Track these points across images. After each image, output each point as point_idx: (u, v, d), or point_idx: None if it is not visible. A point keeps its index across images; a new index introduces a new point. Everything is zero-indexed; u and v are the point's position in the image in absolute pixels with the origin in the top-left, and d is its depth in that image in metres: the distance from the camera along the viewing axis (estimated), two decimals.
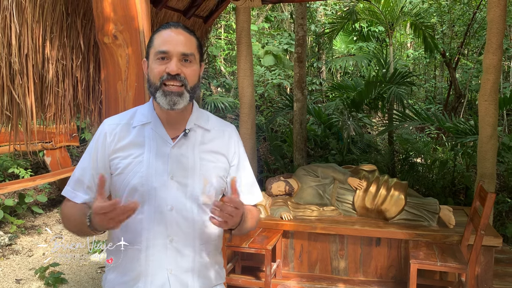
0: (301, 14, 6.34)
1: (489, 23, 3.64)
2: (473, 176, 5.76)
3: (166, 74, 1.38)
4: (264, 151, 8.08)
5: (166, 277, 1.42)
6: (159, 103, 1.40)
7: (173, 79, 1.38)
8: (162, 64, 1.39)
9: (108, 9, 2.17)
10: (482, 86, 3.73)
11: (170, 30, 1.42)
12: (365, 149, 7.36)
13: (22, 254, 4.79)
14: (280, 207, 3.73)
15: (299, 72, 6.35)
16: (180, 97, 1.39)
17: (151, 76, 1.42)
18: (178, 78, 1.39)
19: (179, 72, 1.38)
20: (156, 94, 1.40)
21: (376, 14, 8.21)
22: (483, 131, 3.72)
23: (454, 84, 7.58)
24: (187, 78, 1.40)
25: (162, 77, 1.39)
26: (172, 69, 1.37)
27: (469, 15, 8.24)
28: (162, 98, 1.39)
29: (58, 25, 2.87)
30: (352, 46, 9.92)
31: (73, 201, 1.46)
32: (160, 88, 1.39)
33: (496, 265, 3.40)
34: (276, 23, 11.46)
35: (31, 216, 5.88)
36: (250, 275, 3.56)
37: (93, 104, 3.27)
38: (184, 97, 1.40)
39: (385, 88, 6.36)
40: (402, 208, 3.54)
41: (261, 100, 9.61)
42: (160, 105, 1.41)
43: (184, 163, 1.45)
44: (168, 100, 1.39)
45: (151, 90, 1.43)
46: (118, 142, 1.45)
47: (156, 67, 1.40)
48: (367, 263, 3.55)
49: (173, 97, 1.39)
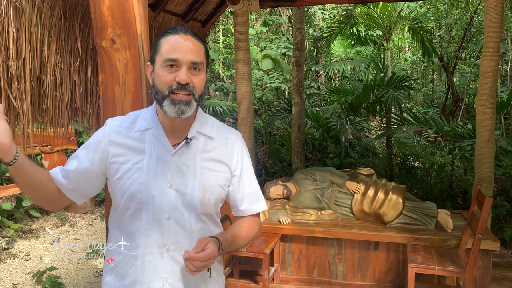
0: (299, 18, 6.36)
1: (486, 27, 3.65)
2: (471, 180, 5.77)
3: (176, 83, 1.35)
4: (262, 155, 8.08)
5: (161, 285, 1.41)
6: (166, 111, 1.38)
7: (182, 88, 1.36)
8: (171, 72, 1.36)
9: (106, 13, 2.17)
10: (480, 90, 3.73)
11: (178, 36, 1.38)
12: (363, 153, 7.37)
13: (19, 258, 4.77)
14: (278, 211, 3.73)
15: (297, 76, 6.36)
16: (188, 106, 1.37)
17: (158, 83, 1.38)
18: (188, 88, 1.36)
19: (188, 81, 1.36)
20: (163, 102, 1.37)
21: (374, 18, 8.24)
22: (481, 135, 3.73)
23: (452, 88, 7.60)
24: (195, 87, 1.38)
25: (171, 86, 1.36)
26: (182, 78, 1.35)
27: (467, 20, 8.27)
28: (171, 107, 1.36)
29: (56, 29, 2.87)
30: (350, 50, 9.93)
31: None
32: (168, 96, 1.37)
33: (494, 269, 3.40)
34: (274, 27, 11.48)
35: (29, 220, 5.86)
36: (248, 279, 3.55)
37: (91, 108, 3.27)
38: (192, 106, 1.38)
39: (383, 92, 6.38)
40: (400, 212, 3.54)
41: (259, 104, 9.61)
42: (166, 113, 1.38)
43: (184, 171, 1.42)
44: (176, 109, 1.36)
45: (157, 97, 1.39)
46: (119, 143, 1.44)
47: (164, 74, 1.36)
48: (365, 267, 3.55)
49: (181, 106, 1.36)
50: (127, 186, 1.41)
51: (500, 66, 8.59)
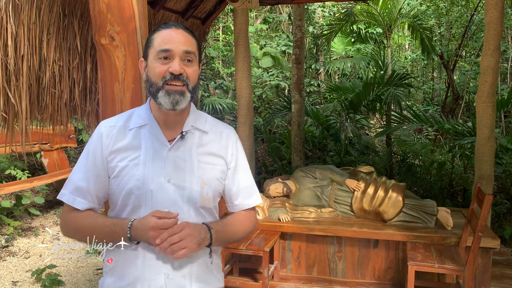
0: (299, 15, 6.34)
1: (487, 25, 3.64)
2: (471, 177, 5.76)
3: (169, 74, 1.37)
4: (262, 153, 8.07)
5: (163, 281, 1.41)
6: (161, 103, 1.39)
7: (176, 78, 1.37)
8: (164, 63, 1.38)
9: (105, 10, 2.16)
10: (480, 88, 3.73)
11: (170, 29, 1.41)
12: (363, 151, 7.36)
13: (18, 256, 4.77)
14: (278, 209, 3.72)
15: (297, 74, 6.35)
16: (182, 96, 1.38)
17: (152, 75, 1.40)
18: (181, 78, 1.38)
19: (182, 71, 1.37)
20: (158, 94, 1.39)
21: (374, 16, 8.22)
22: (481, 133, 3.72)
23: (452, 86, 7.59)
24: (189, 78, 1.40)
25: (165, 77, 1.37)
26: (175, 68, 1.36)
27: (467, 17, 8.25)
28: (165, 97, 1.37)
29: (55, 26, 2.86)
30: (350, 47, 9.92)
31: (75, 208, 1.44)
32: (163, 88, 1.38)
33: (494, 267, 3.40)
34: (274, 24, 11.47)
35: (28, 218, 5.85)
36: (247, 277, 3.55)
37: (90, 105, 3.26)
38: (186, 97, 1.40)
39: (383, 89, 6.37)
40: (400, 210, 3.53)
41: (259, 102, 9.60)
42: (161, 105, 1.39)
43: (182, 165, 1.43)
44: (171, 100, 1.37)
45: (152, 90, 1.40)
46: (115, 145, 1.44)
47: (158, 66, 1.38)
48: (365, 265, 3.55)
49: (176, 96, 1.37)
50: (125, 183, 1.41)
51: (501, 64, 8.58)
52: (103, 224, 1.40)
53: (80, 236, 1.43)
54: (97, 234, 1.38)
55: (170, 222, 1.32)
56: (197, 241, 1.35)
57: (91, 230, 1.40)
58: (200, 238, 1.36)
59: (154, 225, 1.31)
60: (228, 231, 1.50)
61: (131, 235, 1.35)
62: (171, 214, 1.34)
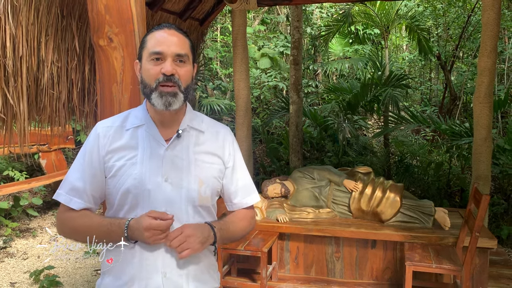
0: (297, 16, 6.35)
1: (484, 26, 3.66)
2: (468, 178, 5.78)
3: (162, 75, 1.38)
4: (260, 154, 8.08)
5: (160, 280, 1.41)
6: (154, 104, 1.40)
7: (168, 80, 1.39)
8: (157, 65, 1.39)
9: (103, 11, 2.16)
10: (477, 88, 3.74)
11: (163, 31, 1.42)
12: (361, 151, 7.38)
13: (17, 257, 4.76)
14: (276, 209, 3.73)
15: (295, 75, 6.36)
16: (175, 98, 1.40)
17: (146, 77, 1.42)
18: (173, 79, 1.39)
19: (173, 72, 1.39)
20: (151, 95, 1.40)
21: (371, 17, 8.24)
22: (478, 133, 3.74)
23: (449, 87, 7.61)
24: (181, 79, 1.41)
25: (158, 79, 1.39)
26: (167, 69, 1.38)
27: (464, 18, 8.28)
28: (158, 99, 1.39)
29: (53, 27, 2.86)
30: (348, 48, 9.93)
31: (71, 208, 1.44)
32: (156, 89, 1.39)
33: (491, 267, 3.41)
34: (272, 25, 11.47)
35: (26, 219, 5.85)
36: (245, 277, 3.56)
37: (88, 106, 3.26)
38: (179, 98, 1.41)
39: (381, 90, 6.39)
40: (397, 210, 3.55)
41: (257, 103, 9.61)
42: (155, 106, 1.41)
43: (179, 164, 1.44)
44: (164, 101, 1.39)
45: (145, 91, 1.42)
46: (112, 145, 1.45)
47: (151, 67, 1.40)
48: (362, 265, 3.56)
49: (168, 98, 1.39)
50: (122, 182, 1.42)
51: (498, 65, 8.60)
52: (100, 223, 1.41)
53: (77, 236, 1.44)
54: (94, 234, 1.39)
55: (164, 224, 1.33)
56: (200, 240, 1.37)
57: (87, 229, 1.40)
58: (203, 237, 1.38)
59: (148, 226, 1.32)
60: (230, 228, 1.51)
61: (128, 235, 1.36)
62: (166, 215, 1.35)
